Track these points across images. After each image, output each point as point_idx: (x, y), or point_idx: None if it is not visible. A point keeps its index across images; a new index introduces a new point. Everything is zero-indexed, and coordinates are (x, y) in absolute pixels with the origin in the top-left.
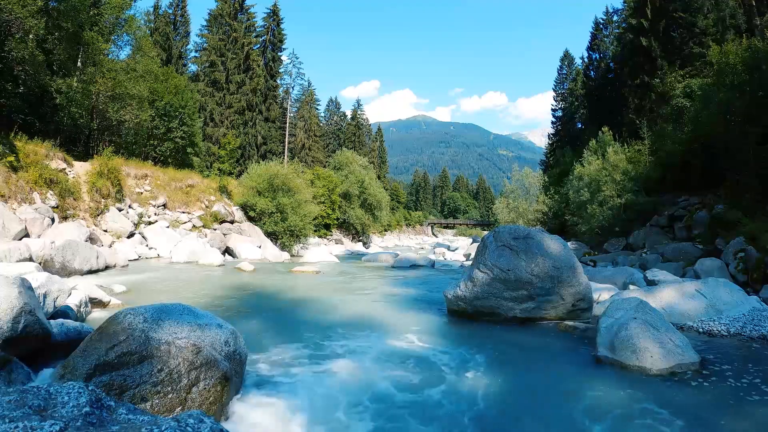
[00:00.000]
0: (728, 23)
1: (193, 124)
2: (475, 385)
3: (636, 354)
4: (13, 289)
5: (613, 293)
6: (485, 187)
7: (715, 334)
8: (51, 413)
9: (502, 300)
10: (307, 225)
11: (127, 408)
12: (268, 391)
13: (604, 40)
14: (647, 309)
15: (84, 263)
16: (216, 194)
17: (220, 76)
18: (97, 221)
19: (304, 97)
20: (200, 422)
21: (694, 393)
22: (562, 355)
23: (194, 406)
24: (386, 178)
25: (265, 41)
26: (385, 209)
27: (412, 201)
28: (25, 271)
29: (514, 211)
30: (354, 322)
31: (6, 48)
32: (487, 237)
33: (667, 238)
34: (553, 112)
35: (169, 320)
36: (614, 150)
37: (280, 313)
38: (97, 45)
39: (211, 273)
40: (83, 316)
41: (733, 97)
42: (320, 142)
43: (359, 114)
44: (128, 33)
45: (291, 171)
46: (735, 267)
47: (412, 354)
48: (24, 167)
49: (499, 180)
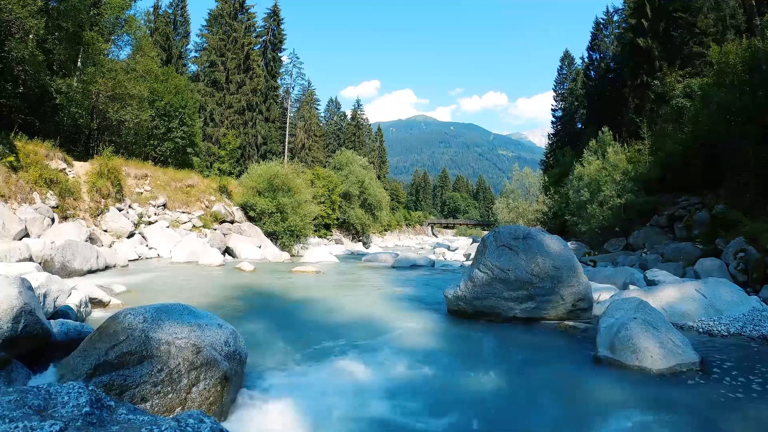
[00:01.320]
0: (728, 23)
1: (193, 124)
2: (475, 385)
3: (636, 354)
4: (13, 289)
5: (613, 293)
6: (485, 187)
7: (715, 334)
8: (51, 413)
9: (502, 300)
10: (307, 225)
11: (127, 408)
12: (269, 391)
13: (604, 40)
14: (647, 309)
15: (84, 263)
16: (216, 194)
17: (220, 76)
18: (97, 221)
19: (304, 97)
20: (200, 422)
21: (694, 393)
22: (562, 355)
23: (194, 406)
24: (386, 178)
25: (266, 41)
26: (385, 209)
27: (412, 201)
28: (25, 271)
29: (514, 211)
30: (354, 322)
31: (6, 48)
32: (487, 237)
33: (667, 238)
34: (553, 112)
35: (169, 320)
36: (614, 150)
37: (280, 313)
38: (97, 45)
39: (211, 273)
40: (83, 316)
41: (733, 97)
42: (320, 142)
43: (359, 114)
44: (128, 33)
45: (291, 171)
46: (735, 267)
47: (411, 354)
48: (24, 167)
49: (499, 180)
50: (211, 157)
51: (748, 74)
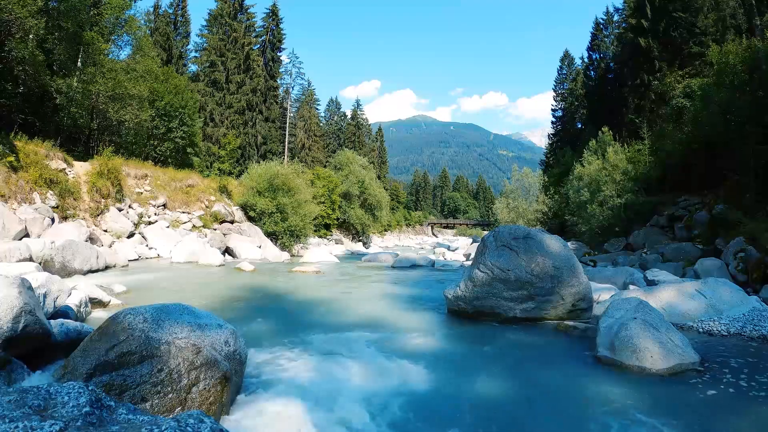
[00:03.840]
0: (728, 23)
1: (193, 124)
2: (475, 385)
3: (636, 354)
4: (13, 289)
5: (613, 293)
6: (485, 187)
7: (715, 333)
8: (51, 413)
9: (502, 300)
10: (307, 225)
11: (127, 408)
12: (269, 391)
13: (604, 40)
14: (647, 309)
15: (84, 263)
16: (216, 194)
17: (220, 76)
18: (97, 221)
19: (304, 97)
20: (200, 422)
21: (694, 393)
22: (562, 355)
23: (194, 406)
24: (386, 178)
25: (265, 41)
26: (385, 209)
27: (412, 201)
28: (25, 271)
29: (514, 211)
30: (354, 322)
31: (6, 48)
32: (487, 237)
33: (667, 238)
34: (553, 112)
35: (169, 320)
36: (614, 150)
37: (280, 313)
38: (97, 45)
39: (211, 273)
40: (83, 316)
41: (733, 97)
42: (320, 142)
43: (359, 114)
44: (128, 33)
45: (291, 171)
46: (735, 267)
47: (412, 354)
48: (24, 167)
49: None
50: (211, 157)
51: (748, 74)
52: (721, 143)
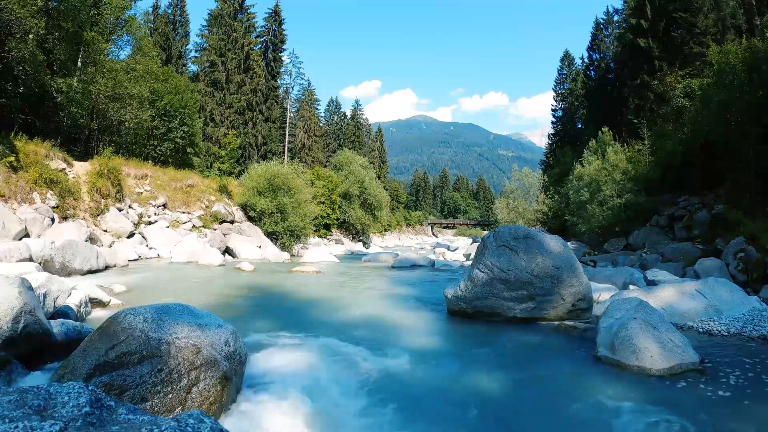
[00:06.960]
0: (728, 23)
1: (193, 124)
2: (475, 385)
3: (636, 354)
4: (13, 289)
5: (613, 293)
6: (485, 187)
7: (715, 333)
8: (51, 413)
9: (502, 300)
10: (307, 225)
11: (127, 408)
12: (269, 391)
13: (604, 40)
14: (647, 309)
15: (84, 263)
16: (216, 194)
17: (220, 76)
18: (97, 221)
19: (304, 97)
20: (200, 422)
21: (694, 393)
22: (562, 355)
23: (194, 406)
24: (386, 178)
25: (266, 41)
26: (385, 209)
27: (412, 201)
28: (25, 271)
29: (514, 211)
30: (354, 322)
31: (6, 48)
32: (487, 237)
33: (667, 238)
34: (553, 112)
35: (169, 320)
36: (614, 150)
37: (280, 312)
38: (97, 45)
39: (211, 273)
40: (83, 316)
41: (733, 97)
42: (320, 142)
43: (359, 114)
44: (128, 33)
45: (291, 171)
46: (735, 267)
47: (412, 354)
48: (24, 167)
49: (499, 180)
50: (211, 157)
51: (748, 74)
52: (721, 143)
